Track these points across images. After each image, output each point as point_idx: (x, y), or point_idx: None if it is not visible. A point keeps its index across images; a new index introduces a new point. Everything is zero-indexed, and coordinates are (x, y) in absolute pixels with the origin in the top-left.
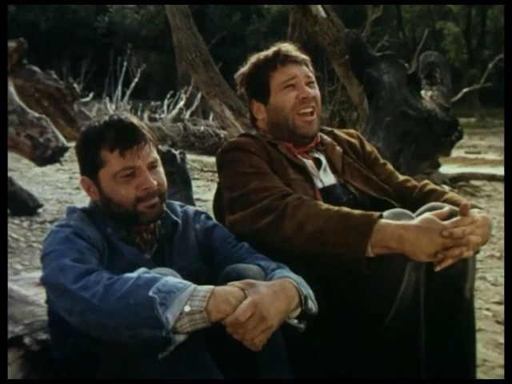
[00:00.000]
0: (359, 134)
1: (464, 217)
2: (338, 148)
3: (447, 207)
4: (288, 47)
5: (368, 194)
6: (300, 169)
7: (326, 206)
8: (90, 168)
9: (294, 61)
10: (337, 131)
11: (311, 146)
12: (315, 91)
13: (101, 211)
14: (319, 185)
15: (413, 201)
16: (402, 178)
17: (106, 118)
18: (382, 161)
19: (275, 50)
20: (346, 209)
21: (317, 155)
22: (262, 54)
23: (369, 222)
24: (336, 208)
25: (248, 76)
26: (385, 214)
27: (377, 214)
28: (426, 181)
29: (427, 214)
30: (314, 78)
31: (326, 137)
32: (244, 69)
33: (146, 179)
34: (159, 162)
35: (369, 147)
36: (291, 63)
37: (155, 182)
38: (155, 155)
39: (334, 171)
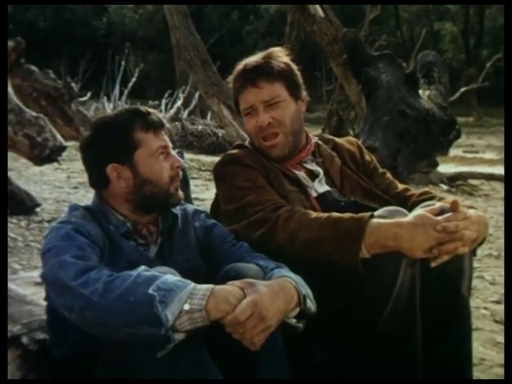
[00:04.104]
0: (359, 143)
1: (456, 212)
2: (336, 160)
3: (438, 203)
4: (254, 60)
5: (369, 206)
6: (293, 180)
7: (315, 214)
8: (124, 152)
9: (252, 84)
10: (337, 139)
11: (301, 156)
12: (276, 113)
13: (104, 208)
14: (314, 194)
15: (411, 208)
16: (401, 187)
17: (122, 108)
18: (381, 170)
19: (240, 68)
20: (336, 214)
21: (312, 167)
22: (237, 69)
23: (360, 225)
24: (326, 215)
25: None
26: (378, 212)
27: (367, 214)
28: (427, 189)
29: (420, 211)
30: (280, 97)
31: (324, 146)
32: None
33: (176, 159)
34: None
35: (368, 156)
36: (249, 87)
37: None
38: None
39: (333, 185)
